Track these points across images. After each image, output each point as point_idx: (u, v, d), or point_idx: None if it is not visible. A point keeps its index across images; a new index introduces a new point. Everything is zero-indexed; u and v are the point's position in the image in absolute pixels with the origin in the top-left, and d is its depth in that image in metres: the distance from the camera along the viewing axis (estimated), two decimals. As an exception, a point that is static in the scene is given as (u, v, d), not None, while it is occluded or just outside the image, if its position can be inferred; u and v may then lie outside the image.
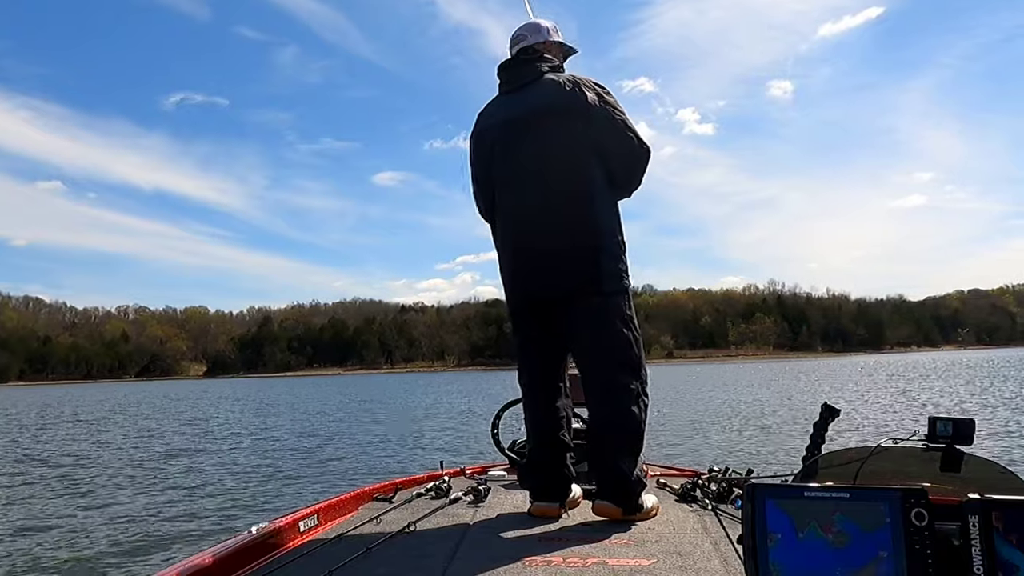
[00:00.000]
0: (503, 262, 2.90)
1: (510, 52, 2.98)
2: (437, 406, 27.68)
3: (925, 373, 38.60)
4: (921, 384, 28.90)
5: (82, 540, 6.98)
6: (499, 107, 2.93)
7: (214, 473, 11.27)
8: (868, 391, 25.99)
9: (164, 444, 16.27)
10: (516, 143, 2.81)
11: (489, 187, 2.94)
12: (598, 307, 2.72)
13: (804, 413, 17.25)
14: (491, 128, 2.90)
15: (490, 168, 2.91)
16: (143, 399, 45.23)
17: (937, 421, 1.70)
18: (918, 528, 1.33)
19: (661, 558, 2.18)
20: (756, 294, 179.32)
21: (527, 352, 2.92)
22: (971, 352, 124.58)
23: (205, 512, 8.21)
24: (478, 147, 2.95)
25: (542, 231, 2.75)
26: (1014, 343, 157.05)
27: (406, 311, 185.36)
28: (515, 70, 2.91)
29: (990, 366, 46.57)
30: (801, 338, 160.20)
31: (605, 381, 2.73)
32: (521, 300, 2.86)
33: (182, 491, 9.68)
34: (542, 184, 2.76)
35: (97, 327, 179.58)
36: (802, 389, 28.95)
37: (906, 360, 79.28)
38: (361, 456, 12.73)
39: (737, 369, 66.12)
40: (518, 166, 2.81)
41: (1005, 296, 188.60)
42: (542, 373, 2.90)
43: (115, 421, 25.22)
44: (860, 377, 37.79)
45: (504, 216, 2.89)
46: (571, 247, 2.72)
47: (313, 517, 2.78)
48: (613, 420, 2.70)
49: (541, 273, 2.77)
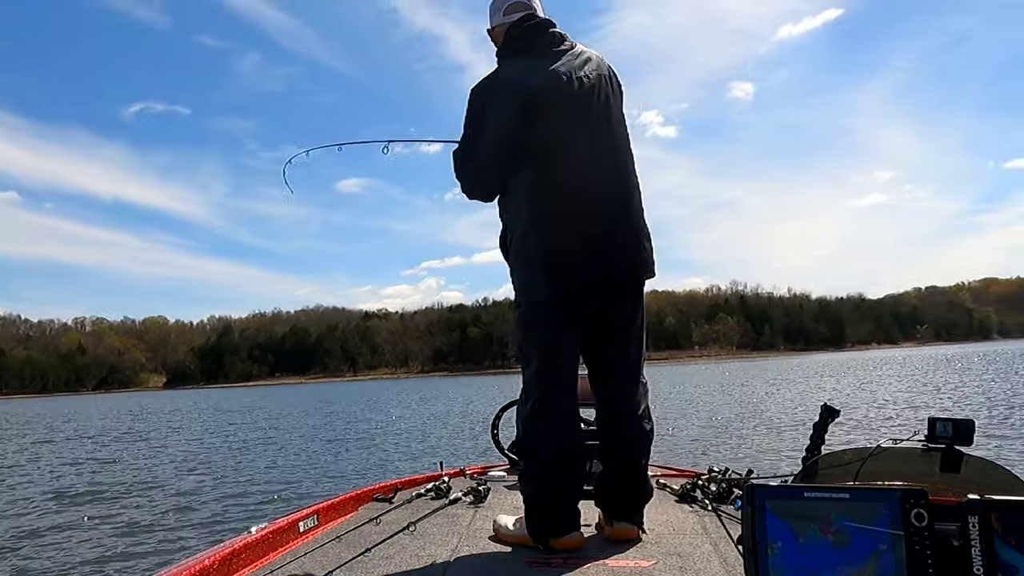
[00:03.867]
0: (545, 241, 2.43)
1: (501, 17, 2.63)
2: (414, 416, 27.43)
3: (930, 370, 39.08)
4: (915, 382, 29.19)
5: (82, 542, 6.97)
6: (532, 69, 2.49)
7: (212, 474, 11.21)
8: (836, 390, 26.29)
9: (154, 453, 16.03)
10: (570, 111, 2.45)
11: (511, 151, 2.46)
12: (639, 296, 2.57)
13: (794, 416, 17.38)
14: (531, 88, 2.44)
15: (520, 131, 2.43)
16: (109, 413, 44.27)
17: (937, 422, 1.70)
18: (918, 528, 1.32)
19: (661, 559, 2.19)
20: (719, 294, 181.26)
21: (560, 348, 2.48)
22: (930, 348, 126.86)
23: (204, 512, 8.19)
24: (509, 103, 2.44)
25: (605, 209, 2.47)
26: (972, 339, 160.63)
27: (369, 317, 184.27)
28: (542, 36, 2.55)
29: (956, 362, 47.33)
30: (764, 338, 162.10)
31: (636, 380, 2.57)
32: (573, 285, 2.43)
33: (181, 495, 9.61)
34: (599, 159, 2.49)
35: (53, 339, 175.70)
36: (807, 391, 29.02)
37: (868, 357, 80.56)
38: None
39: (702, 371, 66.60)
40: (572, 136, 2.45)
41: (962, 293, 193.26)
42: (570, 373, 2.51)
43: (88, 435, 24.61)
44: (831, 375, 38.26)
45: (550, 188, 2.45)
46: (630, 229, 2.52)
47: (313, 517, 2.77)
48: (642, 426, 2.54)
49: (604, 255, 2.45)
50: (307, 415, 28.65)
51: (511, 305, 2.64)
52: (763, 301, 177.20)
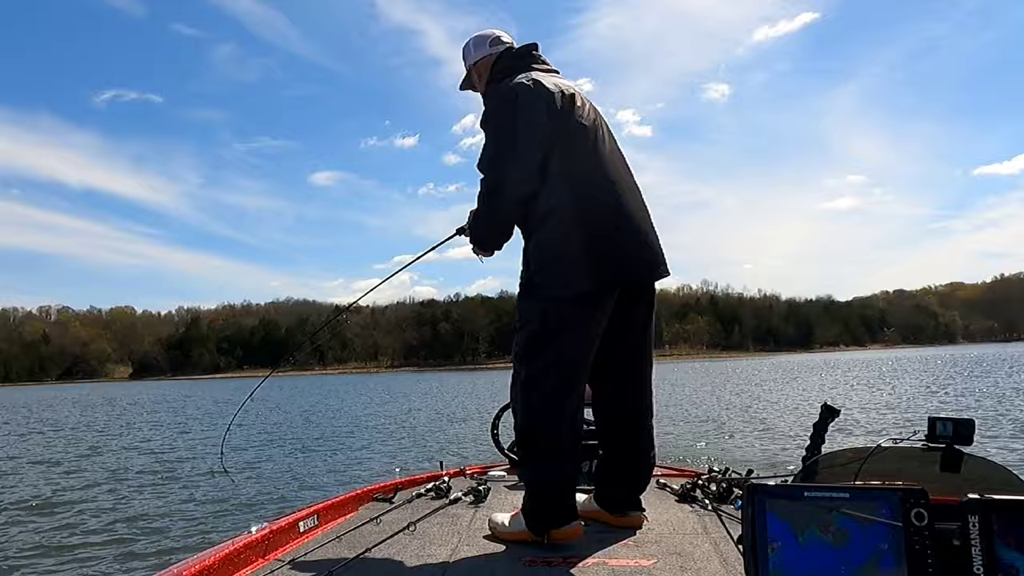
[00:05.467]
0: (589, 231, 2.47)
1: (488, 49, 2.82)
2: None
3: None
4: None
5: (81, 543, 6.86)
6: (555, 79, 2.67)
7: (212, 475, 10.98)
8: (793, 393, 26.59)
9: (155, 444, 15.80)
10: (590, 116, 2.64)
11: (547, 146, 2.51)
12: (654, 292, 2.73)
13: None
14: (560, 91, 2.58)
15: (552, 124, 2.53)
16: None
17: (937, 421, 1.71)
18: (918, 528, 1.33)
19: (661, 558, 2.20)
20: (690, 294, 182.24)
21: (591, 343, 2.52)
22: (896, 351, 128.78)
23: (205, 513, 8.10)
24: (549, 103, 2.54)
25: (636, 207, 2.62)
26: (938, 342, 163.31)
27: (340, 311, 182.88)
28: (538, 57, 2.78)
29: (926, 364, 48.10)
30: (733, 338, 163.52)
31: (648, 375, 2.73)
32: (611, 279, 2.49)
33: (179, 493, 9.48)
34: (615, 157, 2.68)
35: (16, 328, 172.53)
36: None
37: (836, 358, 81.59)
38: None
39: (673, 369, 67.05)
40: (598, 139, 2.63)
41: (928, 296, 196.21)
42: (587, 367, 2.56)
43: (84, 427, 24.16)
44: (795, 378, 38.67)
45: (590, 185, 2.53)
46: (653, 227, 2.67)
47: (313, 517, 2.78)
48: (649, 421, 2.72)
49: (646, 252, 2.60)
50: (303, 411, 28.27)
51: (482, 301, 2.64)
52: (733, 301, 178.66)
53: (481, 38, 2.85)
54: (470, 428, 17.28)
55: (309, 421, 22.12)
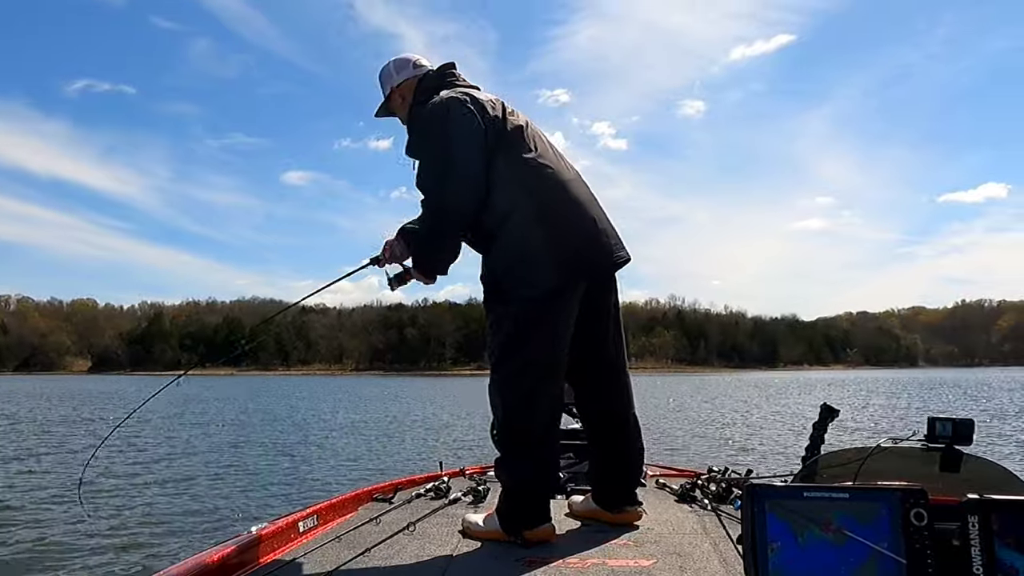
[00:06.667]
0: (550, 227, 2.47)
1: (412, 71, 2.81)
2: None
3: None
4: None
5: (80, 542, 6.72)
6: (471, 90, 2.67)
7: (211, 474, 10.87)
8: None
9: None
10: (523, 118, 2.65)
11: (489, 152, 2.51)
12: (615, 283, 2.75)
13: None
14: (490, 99, 2.62)
15: (490, 127, 2.53)
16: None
17: (936, 421, 1.71)
18: (918, 528, 1.33)
19: (661, 559, 2.20)
20: (658, 308, 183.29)
21: (564, 338, 2.53)
22: (859, 372, 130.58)
23: (204, 513, 8.01)
24: (482, 110, 2.55)
25: (587, 198, 2.63)
26: (899, 364, 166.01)
27: (307, 312, 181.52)
28: (459, 76, 2.78)
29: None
30: (699, 353, 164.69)
31: (624, 364, 2.77)
32: (578, 272, 2.51)
33: (183, 490, 9.39)
34: (560, 157, 2.68)
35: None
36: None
37: (800, 377, 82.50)
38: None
39: (641, 382, 67.43)
40: (537, 137, 2.64)
41: (891, 319, 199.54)
42: (563, 363, 2.56)
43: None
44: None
45: (542, 182, 2.52)
46: (606, 215, 2.68)
47: (313, 517, 2.78)
48: (632, 411, 2.75)
49: (605, 240, 2.60)
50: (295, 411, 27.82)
51: (450, 307, 2.63)
52: (700, 317, 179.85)
53: (403, 61, 2.84)
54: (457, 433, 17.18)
55: (267, 424, 21.75)
